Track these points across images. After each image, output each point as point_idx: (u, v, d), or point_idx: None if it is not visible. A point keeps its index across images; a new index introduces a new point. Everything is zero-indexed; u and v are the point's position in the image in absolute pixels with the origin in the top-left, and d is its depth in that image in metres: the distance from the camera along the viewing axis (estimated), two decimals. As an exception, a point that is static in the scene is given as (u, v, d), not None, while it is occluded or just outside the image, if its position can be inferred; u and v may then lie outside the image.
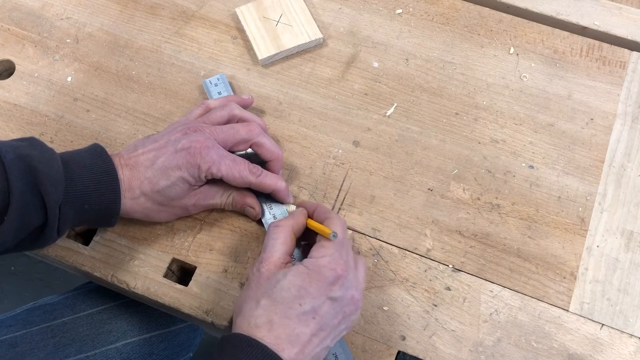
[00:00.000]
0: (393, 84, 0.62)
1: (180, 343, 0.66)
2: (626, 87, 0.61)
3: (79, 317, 0.63)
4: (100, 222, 0.49)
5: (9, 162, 0.43)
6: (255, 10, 0.64)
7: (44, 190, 0.43)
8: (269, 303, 0.43)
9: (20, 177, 0.43)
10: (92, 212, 0.47)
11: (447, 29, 0.65)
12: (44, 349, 0.60)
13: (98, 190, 0.47)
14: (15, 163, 0.43)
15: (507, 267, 0.54)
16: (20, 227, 0.43)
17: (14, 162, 0.43)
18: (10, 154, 0.43)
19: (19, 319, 0.63)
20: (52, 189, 0.43)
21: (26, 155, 0.44)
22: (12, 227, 0.42)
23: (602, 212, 0.56)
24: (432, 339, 0.51)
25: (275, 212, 0.54)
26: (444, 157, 0.59)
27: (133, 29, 0.65)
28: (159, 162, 0.49)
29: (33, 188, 0.43)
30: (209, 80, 0.60)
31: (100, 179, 0.47)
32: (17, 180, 0.42)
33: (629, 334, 0.51)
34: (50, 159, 0.45)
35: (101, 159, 0.47)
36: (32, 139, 0.47)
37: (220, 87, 0.60)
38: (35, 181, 0.43)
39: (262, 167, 0.53)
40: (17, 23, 0.65)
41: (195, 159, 0.48)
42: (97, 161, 0.47)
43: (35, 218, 0.44)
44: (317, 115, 0.60)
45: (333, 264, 0.45)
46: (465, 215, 0.56)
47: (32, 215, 0.44)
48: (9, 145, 0.44)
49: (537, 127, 0.60)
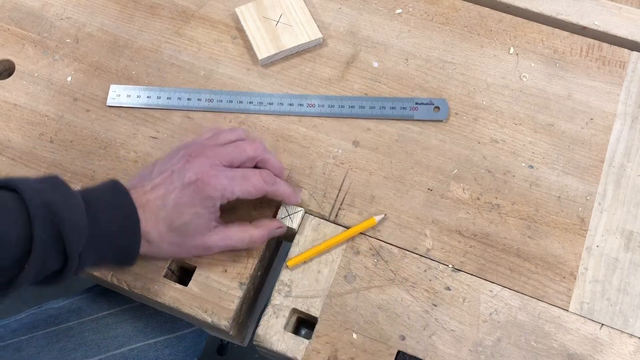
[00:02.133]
0: (393, 84, 0.62)
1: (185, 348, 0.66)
2: (626, 87, 0.61)
3: (85, 321, 0.63)
4: (118, 264, 0.49)
5: (34, 209, 0.42)
6: (255, 10, 0.65)
7: (66, 239, 0.42)
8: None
9: (44, 225, 0.42)
10: (111, 256, 0.47)
11: (447, 29, 0.65)
12: (49, 353, 0.60)
13: (119, 237, 0.46)
14: (40, 210, 0.42)
15: (507, 267, 0.54)
16: (39, 272, 0.43)
17: (38, 208, 0.42)
18: (35, 199, 0.42)
19: (23, 323, 0.63)
20: (75, 237, 0.43)
21: (51, 202, 0.42)
22: (31, 272, 0.42)
23: (602, 212, 0.56)
24: (432, 339, 0.51)
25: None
26: (443, 157, 0.59)
27: (133, 29, 0.65)
28: (169, 201, 0.47)
29: (56, 236, 0.42)
30: None
31: (122, 224, 0.46)
32: (41, 229, 0.41)
33: (628, 334, 0.51)
34: (74, 205, 0.44)
35: (123, 200, 0.47)
36: (55, 179, 0.45)
37: None
38: (59, 228, 0.42)
39: None
40: (17, 23, 0.65)
41: (205, 191, 0.47)
42: (119, 203, 0.46)
43: (55, 263, 0.43)
44: (316, 115, 0.60)
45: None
46: (465, 215, 0.56)
47: (53, 261, 0.43)
48: (34, 189, 0.43)
49: (536, 127, 0.60)
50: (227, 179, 0.48)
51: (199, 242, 0.50)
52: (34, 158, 0.59)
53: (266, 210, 0.56)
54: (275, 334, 0.51)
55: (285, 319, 0.52)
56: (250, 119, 0.61)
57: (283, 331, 0.51)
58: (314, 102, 0.61)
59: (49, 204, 0.42)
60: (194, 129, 0.60)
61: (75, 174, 0.58)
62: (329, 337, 0.51)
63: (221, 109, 0.61)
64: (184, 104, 0.61)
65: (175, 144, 0.59)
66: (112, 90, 0.62)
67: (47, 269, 0.43)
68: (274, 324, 0.52)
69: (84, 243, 0.44)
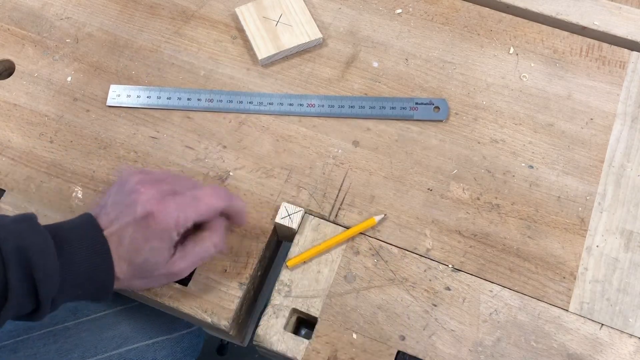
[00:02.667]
0: (393, 84, 0.62)
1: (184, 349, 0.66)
2: (626, 87, 0.61)
3: (82, 322, 0.63)
4: (93, 300, 0.48)
5: (8, 254, 0.42)
6: (255, 10, 0.64)
7: (39, 285, 0.42)
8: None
9: (17, 271, 0.42)
10: (85, 295, 0.46)
11: (447, 29, 0.65)
12: (45, 354, 0.60)
13: (93, 278, 0.45)
14: (14, 255, 0.42)
15: (507, 267, 0.54)
16: (15, 315, 0.43)
17: (12, 253, 0.42)
18: (10, 243, 0.42)
19: (19, 323, 0.63)
20: (48, 284, 0.43)
21: (24, 248, 0.42)
22: (7, 316, 0.42)
23: (601, 212, 0.56)
24: (432, 339, 0.51)
25: None
26: (443, 157, 0.59)
27: (133, 28, 0.65)
28: (126, 239, 0.46)
29: (30, 282, 0.42)
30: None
31: (96, 264, 0.45)
32: (15, 275, 0.41)
33: (628, 334, 0.51)
34: (48, 250, 0.43)
35: (98, 237, 0.46)
36: (30, 220, 0.45)
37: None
38: (32, 275, 0.42)
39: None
40: (17, 23, 0.65)
41: (158, 225, 0.45)
42: (93, 242, 0.45)
43: (28, 307, 0.44)
44: (316, 115, 0.60)
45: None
46: (464, 215, 0.56)
47: (27, 305, 0.43)
48: (9, 231, 0.43)
49: (536, 127, 0.60)
50: (176, 205, 0.46)
51: (164, 272, 0.48)
52: (33, 158, 0.59)
53: (265, 209, 0.56)
54: (275, 334, 0.51)
55: (285, 319, 0.52)
56: (250, 119, 0.61)
57: (283, 331, 0.51)
58: (314, 102, 0.61)
59: (23, 249, 0.42)
60: (194, 129, 0.60)
61: (75, 174, 0.58)
62: (329, 337, 0.51)
63: (221, 109, 0.61)
64: (184, 104, 0.61)
65: (176, 145, 0.59)
66: (112, 90, 0.62)
67: (23, 311, 0.44)
68: (274, 324, 0.52)
69: (57, 287, 0.43)
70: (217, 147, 0.59)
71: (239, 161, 0.58)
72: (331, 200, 0.57)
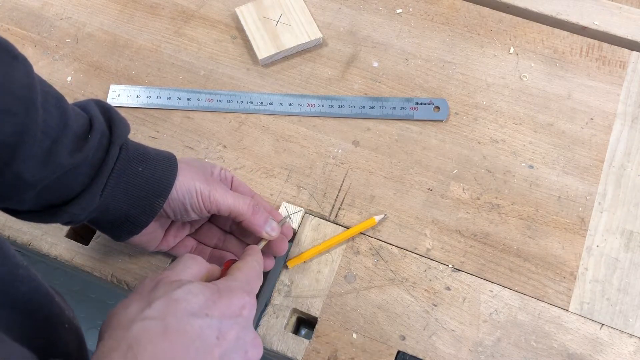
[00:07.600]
0: (393, 84, 0.62)
1: None
2: (626, 86, 0.61)
3: None
4: (140, 211, 0.46)
5: (93, 105, 0.46)
6: (255, 10, 0.64)
7: (113, 126, 0.45)
8: (164, 304, 0.35)
9: (98, 111, 0.46)
10: (143, 184, 0.45)
11: (447, 28, 0.65)
12: None
13: (156, 160, 0.46)
14: (99, 107, 0.46)
15: (507, 267, 0.54)
16: (97, 148, 0.44)
17: (96, 107, 0.46)
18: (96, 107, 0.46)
19: None
20: (121, 128, 0.45)
21: (106, 109, 0.47)
22: (95, 139, 0.43)
23: (602, 212, 0.56)
24: (432, 339, 0.51)
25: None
26: (443, 157, 0.59)
27: (133, 28, 0.65)
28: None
29: (107, 122, 0.45)
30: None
31: (161, 170, 0.46)
32: (97, 112, 0.45)
33: (628, 333, 0.51)
34: (124, 121, 0.47)
35: (171, 160, 0.48)
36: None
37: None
38: (110, 118, 0.46)
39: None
40: (17, 23, 0.65)
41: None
42: (165, 161, 0.47)
43: (105, 141, 0.44)
44: (316, 115, 0.60)
45: (246, 288, 0.40)
46: (465, 215, 0.56)
47: (104, 141, 0.44)
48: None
49: (536, 127, 0.60)
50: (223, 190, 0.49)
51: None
52: (33, 158, 0.59)
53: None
54: (276, 334, 0.51)
55: (286, 319, 0.52)
56: (250, 119, 0.60)
57: (283, 331, 0.51)
58: (314, 102, 0.61)
59: (106, 110, 0.47)
60: (194, 129, 0.60)
61: (75, 174, 0.58)
62: (329, 337, 0.51)
63: (221, 109, 0.61)
64: (184, 104, 0.61)
65: (176, 145, 0.59)
66: (112, 90, 0.62)
67: (100, 146, 0.44)
68: (274, 324, 0.52)
69: (126, 136, 0.46)
70: (217, 147, 0.59)
71: (239, 161, 0.58)
72: (331, 200, 0.57)
